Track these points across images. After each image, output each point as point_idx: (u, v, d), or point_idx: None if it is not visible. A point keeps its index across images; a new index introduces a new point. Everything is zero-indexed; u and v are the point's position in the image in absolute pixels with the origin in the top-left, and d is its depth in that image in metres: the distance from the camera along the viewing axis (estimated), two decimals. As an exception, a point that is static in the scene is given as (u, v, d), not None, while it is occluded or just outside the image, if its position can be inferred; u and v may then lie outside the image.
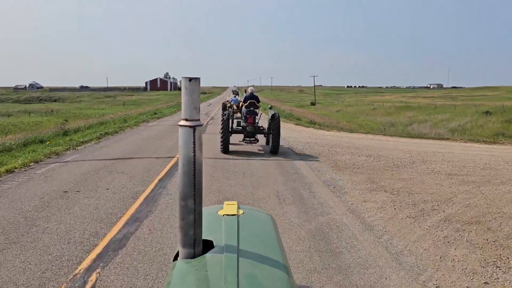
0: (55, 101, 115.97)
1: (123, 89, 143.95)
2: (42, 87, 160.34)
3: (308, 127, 23.04)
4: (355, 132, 21.51)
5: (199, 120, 1.45)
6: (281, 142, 14.55)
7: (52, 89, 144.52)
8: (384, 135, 20.24)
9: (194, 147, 1.39)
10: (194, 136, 1.39)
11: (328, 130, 21.81)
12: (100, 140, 16.72)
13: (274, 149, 13.36)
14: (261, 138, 15.34)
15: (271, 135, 13.56)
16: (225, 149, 13.36)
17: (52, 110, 55.51)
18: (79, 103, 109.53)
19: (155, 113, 30.60)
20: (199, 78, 1.43)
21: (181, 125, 1.42)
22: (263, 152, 14.13)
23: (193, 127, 1.40)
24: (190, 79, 1.41)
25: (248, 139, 13.99)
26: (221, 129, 13.34)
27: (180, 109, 1.60)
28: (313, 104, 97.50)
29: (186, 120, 1.41)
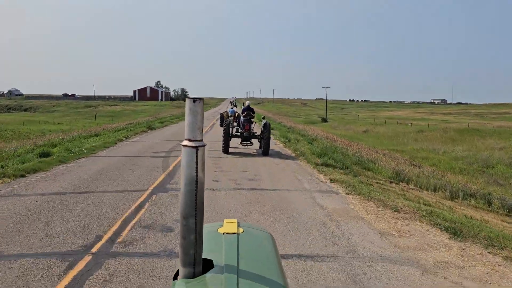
0: (25, 110, 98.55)
1: (108, 98, 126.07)
2: (21, 94, 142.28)
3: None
4: None
5: (202, 140, 1.34)
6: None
7: (28, 97, 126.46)
8: None
9: (196, 167, 1.31)
10: (197, 156, 1.31)
11: None
12: None
13: (265, 151, 14.93)
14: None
15: (263, 140, 15.11)
16: (226, 150, 15.03)
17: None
18: (52, 113, 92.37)
19: (46, 154, 12.86)
20: (203, 99, 1.34)
21: (184, 145, 1.32)
22: (256, 153, 15.23)
23: (196, 148, 1.31)
24: (194, 100, 1.32)
25: (244, 142, 15.78)
26: (223, 134, 15.10)
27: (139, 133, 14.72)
28: (324, 120, 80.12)
29: (190, 140, 1.32)
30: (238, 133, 16.05)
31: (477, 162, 26.89)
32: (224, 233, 1.70)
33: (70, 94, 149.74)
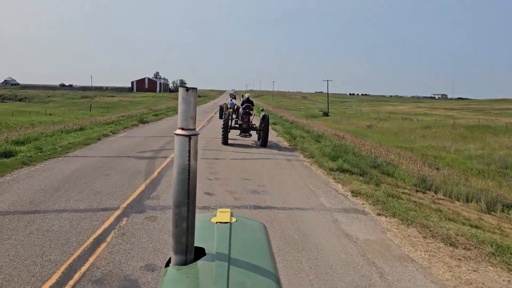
0: (20, 100, 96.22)
1: (106, 89, 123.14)
2: (18, 84, 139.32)
3: None
4: None
5: (194, 129, 1.34)
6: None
7: (24, 87, 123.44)
8: None
9: (189, 156, 1.31)
10: (189, 145, 1.31)
11: None
12: None
13: (264, 143, 14.92)
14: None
15: (262, 132, 15.08)
16: (225, 141, 14.91)
17: None
18: (47, 103, 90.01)
19: (8, 153, 10.77)
20: (196, 88, 1.34)
21: (177, 134, 1.32)
22: (255, 145, 15.28)
23: (189, 136, 1.31)
24: (187, 89, 1.33)
25: (243, 134, 15.63)
26: (222, 126, 15.06)
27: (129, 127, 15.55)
28: (326, 114, 78.06)
29: (182, 129, 1.32)
30: (237, 125, 16.05)
31: (494, 162, 24.85)
32: (217, 222, 1.65)
33: (67, 84, 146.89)
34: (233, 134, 16.16)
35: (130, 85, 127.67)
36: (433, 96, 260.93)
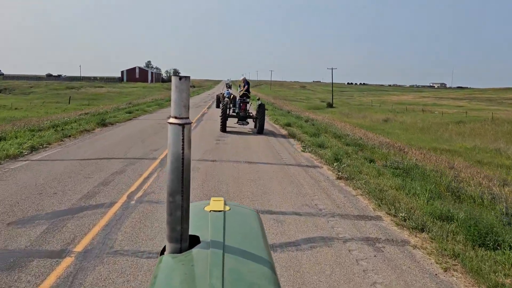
0: (0, 91, 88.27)
1: (94, 79, 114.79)
2: (2, 74, 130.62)
3: None
4: None
5: (188, 118, 1.30)
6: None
7: (8, 77, 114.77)
8: None
9: (183, 144, 1.29)
10: (183, 133, 1.29)
11: None
12: None
13: (260, 130, 15.87)
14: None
15: (258, 120, 15.92)
16: (223, 129, 15.84)
17: None
18: (28, 95, 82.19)
19: None
20: (189, 76, 1.31)
21: (170, 123, 1.29)
22: (251, 132, 16.15)
23: (182, 125, 1.28)
24: (180, 78, 1.30)
25: (241, 122, 16.49)
26: (221, 114, 15.85)
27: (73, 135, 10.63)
28: (330, 105, 70.71)
29: (176, 118, 1.29)
30: (235, 114, 16.57)
31: None
32: (210, 210, 1.64)
33: (55, 74, 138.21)
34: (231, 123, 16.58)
35: (119, 75, 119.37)
36: (432, 85, 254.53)
